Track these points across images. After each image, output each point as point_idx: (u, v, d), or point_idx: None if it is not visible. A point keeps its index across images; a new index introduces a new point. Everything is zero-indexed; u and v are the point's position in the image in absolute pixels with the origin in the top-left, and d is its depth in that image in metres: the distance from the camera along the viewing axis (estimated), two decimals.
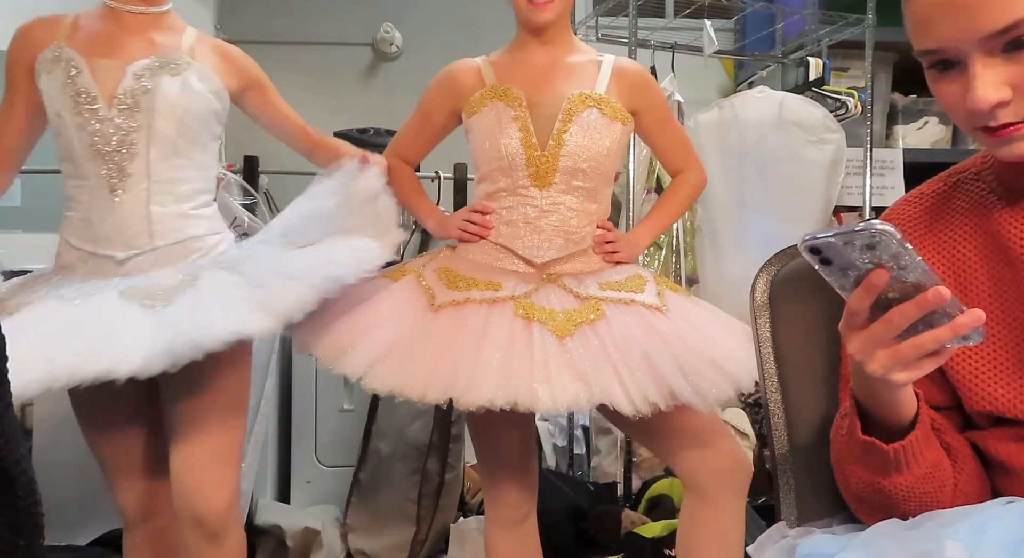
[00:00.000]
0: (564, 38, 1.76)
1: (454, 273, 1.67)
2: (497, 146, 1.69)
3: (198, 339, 1.37)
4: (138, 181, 1.57)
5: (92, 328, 1.41)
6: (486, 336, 1.54)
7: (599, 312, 1.59)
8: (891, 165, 3.06)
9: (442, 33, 3.74)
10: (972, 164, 0.99)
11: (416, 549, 2.44)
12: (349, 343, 1.55)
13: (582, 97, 1.69)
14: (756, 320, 1.08)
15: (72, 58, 1.57)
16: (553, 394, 1.47)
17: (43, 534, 0.80)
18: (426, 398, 1.48)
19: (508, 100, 1.70)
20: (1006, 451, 0.89)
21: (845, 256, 0.75)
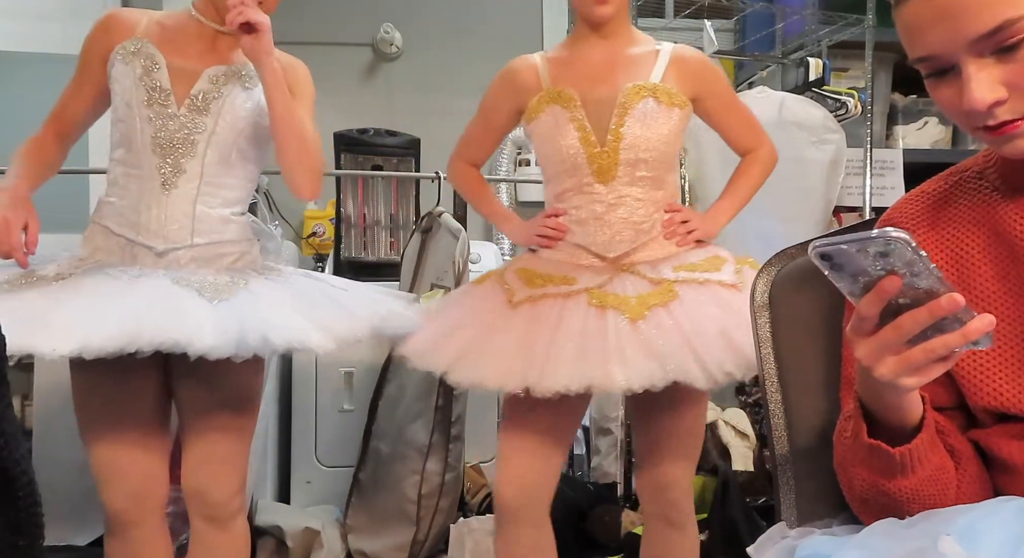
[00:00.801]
0: (624, 31, 1.77)
1: (532, 271, 1.73)
2: (558, 149, 1.72)
3: (269, 336, 1.48)
4: (190, 179, 1.64)
5: (161, 302, 1.48)
6: (560, 326, 1.60)
7: (672, 293, 1.63)
8: (891, 165, 3.06)
9: (442, 33, 3.74)
10: (975, 162, 1.00)
11: (416, 549, 2.44)
12: (434, 342, 1.67)
13: (636, 89, 1.70)
14: (756, 320, 1.08)
15: (153, 54, 1.64)
16: (627, 373, 1.51)
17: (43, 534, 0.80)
18: (504, 388, 1.58)
19: (563, 102, 1.71)
20: (1008, 449, 0.89)
21: (857, 263, 0.75)
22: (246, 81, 1.69)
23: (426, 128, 3.27)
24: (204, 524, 1.70)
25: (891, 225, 0.99)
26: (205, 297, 1.52)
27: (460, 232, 2.45)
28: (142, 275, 1.57)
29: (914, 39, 0.86)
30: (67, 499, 2.41)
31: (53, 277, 1.53)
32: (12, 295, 1.49)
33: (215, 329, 1.45)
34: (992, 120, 0.84)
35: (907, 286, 0.75)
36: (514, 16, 3.80)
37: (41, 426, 2.52)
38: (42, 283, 1.52)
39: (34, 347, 1.35)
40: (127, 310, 1.44)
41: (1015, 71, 0.82)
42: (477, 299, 1.75)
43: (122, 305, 1.46)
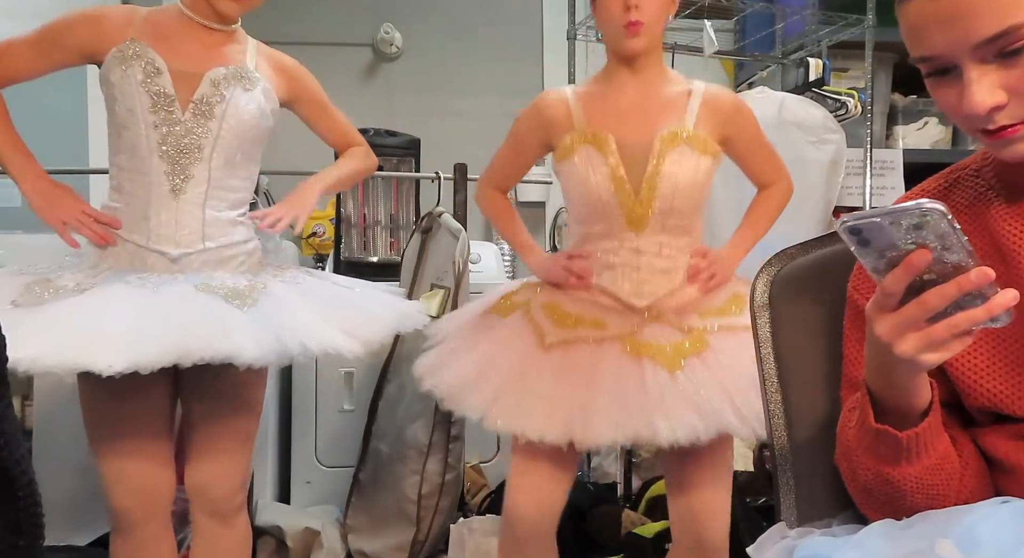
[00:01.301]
0: (656, 66, 1.74)
1: (561, 310, 1.72)
2: (590, 192, 1.70)
3: (306, 344, 1.53)
4: (199, 184, 1.65)
5: (200, 313, 1.51)
6: (596, 374, 1.61)
7: (703, 343, 1.64)
8: (891, 165, 3.06)
9: (442, 34, 3.74)
10: (972, 162, 1.00)
11: (416, 549, 2.44)
12: (467, 384, 1.66)
13: (672, 136, 1.68)
14: (756, 320, 1.08)
15: (154, 59, 1.62)
16: (672, 426, 1.52)
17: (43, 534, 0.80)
18: (544, 439, 1.56)
19: (598, 145, 1.69)
20: (1004, 449, 0.90)
21: (888, 237, 0.74)
22: (246, 83, 1.69)
23: (426, 128, 3.27)
24: (207, 520, 1.72)
25: None
26: (234, 305, 1.55)
27: (460, 232, 2.45)
28: (163, 282, 1.58)
29: (917, 38, 0.86)
30: (67, 499, 2.41)
31: (74, 288, 1.54)
32: (42, 308, 1.49)
33: (256, 339, 1.48)
34: (991, 124, 0.84)
35: (936, 261, 0.73)
36: (514, 16, 3.79)
37: (41, 426, 2.52)
38: (66, 294, 1.52)
39: (89, 364, 1.36)
40: (171, 323, 1.46)
41: (1017, 76, 0.82)
42: (505, 336, 1.72)
43: (164, 317, 1.48)
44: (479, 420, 1.63)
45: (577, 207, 1.77)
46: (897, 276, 0.76)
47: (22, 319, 1.44)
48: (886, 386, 0.84)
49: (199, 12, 1.67)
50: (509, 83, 3.71)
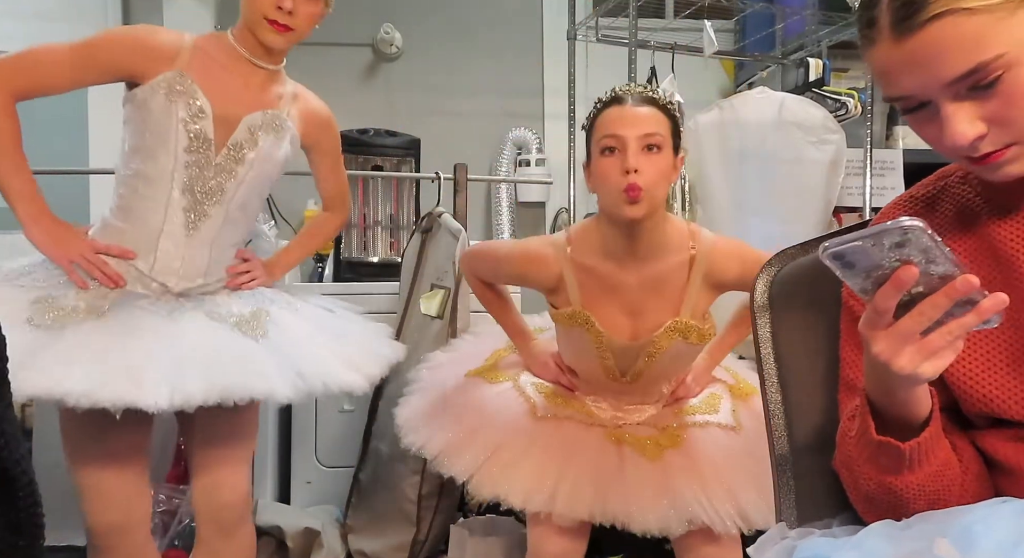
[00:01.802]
0: (655, 233, 1.64)
1: (550, 389, 1.81)
2: (581, 359, 1.77)
3: (327, 383, 1.62)
4: (212, 224, 1.66)
5: (227, 350, 1.55)
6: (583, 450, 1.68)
7: (680, 439, 1.71)
8: (891, 166, 3.05)
9: (442, 34, 3.74)
10: (958, 167, 1.00)
11: (416, 550, 2.44)
12: (456, 446, 1.70)
13: (667, 334, 1.67)
14: (756, 321, 1.08)
15: (200, 102, 1.60)
16: (645, 516, 1.59)
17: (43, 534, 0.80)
18: (527, 508, 1.63)
19: (593, 335, 1.69)
20: (1004, 452, 0.90)
21: (871, 258, 0.75)
22: (279, 130, 1.70)
23: (426, 128, 3.28)
24: (212, 530, 1.71)
25: None
26: (248, 336, 1.61)
27: (460, 232, 2.45)
28: (174, 309, 1.61)
29: (888, 81, 0.86)
30: (68, 499, 2.40)
31: (86, 309, 1.53)
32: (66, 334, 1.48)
33: (287, 380, 1.55)
34: (975, 153, 0.85)
35: (922, 274, 0.75)
36: (514, 16, 3.79)
37: (41, 426, 2.51)
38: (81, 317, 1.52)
39: (138, 402, 1.40)
40: (207, 361, 1.51)
41: (993, 107, 0.82)
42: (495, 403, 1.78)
43: (197, 354, 1.52)
44: (464, 483, 1.68)
45: (566, 352, 1.82)
46: (887, 293, 0.76)
47: (49, 344, 1.44)
48: (887, 399, 0.85)
49: (246, 46, 1.67)
50: (509, 83, 3.71)
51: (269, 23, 1.61)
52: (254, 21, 1.63)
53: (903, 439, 0.85)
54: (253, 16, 1.62)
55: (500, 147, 3.64)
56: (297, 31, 1.64)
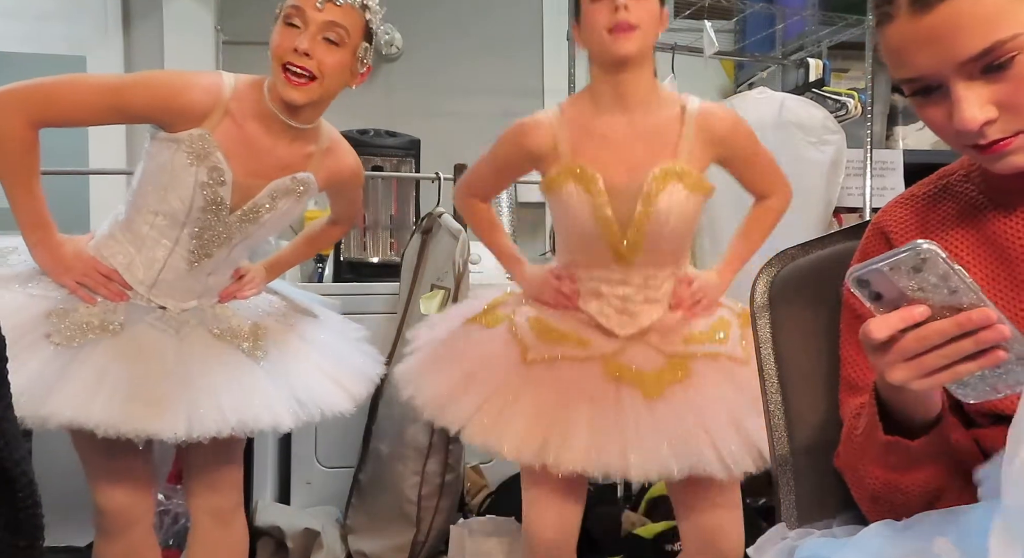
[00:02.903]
0: (646, 83, 1.64)
1: (545, 324, 1.71)
2: (577, 228, 1.67)
3: (323, 408, 1.69)
4: (215, 262, 1.69)
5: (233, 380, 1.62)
6: (576, 395, 1.60)
7: (686, 371, 1.62)
8: (891, 166, 3.05)
9: (442, 34, 3.74)
10: (960, 166, 1.00)
11: (416, 550, 2.44)
12: (447, 396, 1.66)
13: (663, 175, 1.61)
14: (756, 321, 1.08)
15: (221, 169, 1.58)
16: (644, 463, 1.52)
17: (43, 535, 0.80)
18: (520, 459, 1.58)
19: (585, 184, 1.62)
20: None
21: (894, 286, 0.74)
22: (302, 193, 1.69)
23: (426, 129, 3.27)
24: (208, 520, 1.76)
25: (882, 230, 0.99)
26: (251, 357, 1.67)
27: (460, 233, 2.45)
28: (180, 324, 1.66)
29: (900, 60, 0.86)
30: (67, 500, 2.40)
31: (99, 326, 1.57)
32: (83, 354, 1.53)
33: (285, 408, 1.63)
34: (983, 139, 0.84)
35: (945, 306, 0.73)
36: (514, 16, 3.79)
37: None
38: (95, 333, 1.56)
39: (158, 432, 1.51)
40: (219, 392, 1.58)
41: (1005, 90, 0.82)
42: (489, 349, 1.71)
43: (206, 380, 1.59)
44: (457, 433, 1.64)
45: (563, 235, 1.75)
46: (891, 322, 0.75)
47: (71, 367, 1.51)
48: (896, 397, 0.85)
49: (275, 102, 1.61)
50: (509, 83, 3.71)
51: (286, 76, 1.55)
52: (275, 75, 1.57)
53: (912, 437, 0.84)
54: (274, 68, 1.57)
55: None
56: (320, 82, 1.56)
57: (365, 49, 1.63)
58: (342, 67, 1.59)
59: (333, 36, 1.56)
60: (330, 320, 1.94)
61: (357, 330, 1.97)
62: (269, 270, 1.88)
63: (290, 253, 1.97)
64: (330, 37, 1.56)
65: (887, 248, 0.98)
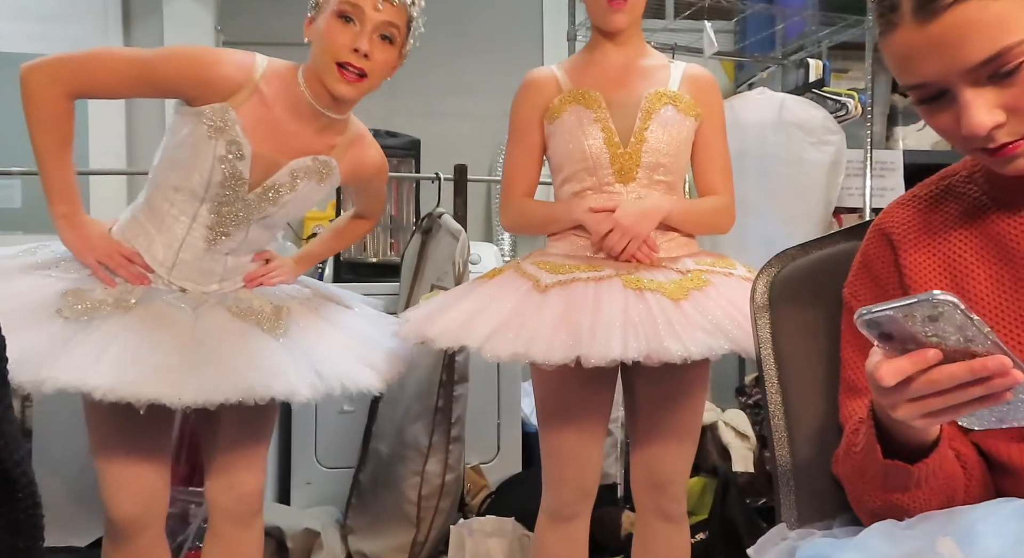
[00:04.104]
0: (637, 42, 1.80)
1: (551, 262, 1.70)
2: (581, 147, 1.72)
3: (344, 383, 1.62)
4: (233, 241, 1.67)
5: (252, 350, 1.57)
6: (600, 306, 1.57)
7: (704, 281, 1.64)
8: (891, 166, 3.06)
9: (441, 34, 3.74)
10: (962, 166, 1.00)
11: (416, 550, 2.44)
12: (463, 324, 1.62)
13: (658, 95, 1.73)
14: (756, 322, 1.08)
15: (240, 143, 1.57)
16: (684, 344, 1.49)
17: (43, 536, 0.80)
18: (550, 359, 1.51)
19: (587, 102, 1.73)
20: (1007, 452, 0.90)
21: (907, 329, 0.71)
22: (323, 175, 1.68)
23: (426, 129, 3.27)
24: (227, 524, 1.72)
25: (884, 232, 0.99)
26: (269, 334, 1.62)
27: (460, 233, 2.45)
28: (198, 303, 1.63)
29: (906, 68, 0.85)
30: (67, 500, 2.41)
31: (113, 304, 1.55)
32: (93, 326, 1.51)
33: (301, 378, 1.57)
34: (991, 143, 0.84)
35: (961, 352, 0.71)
36: (514, 17, 3.80)
37: (41, 427, 2.52)
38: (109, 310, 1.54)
39: (162, 397, 1.44)
40: (232, 361, 1.54)
41: (1013, 95, 0.82)
42: (497, 287, 1.70)
43: (222, 353, 1.54)
44: (478, 350, 1.57)
45: (566, 165, 1.76)
46: (902, 368, 0.73)
47: (77, 337, 1.48)
48: (895, 425, 0.84)
49: (313, 91, 1.60)
50: (509, 83, 3.69)
51: (340, 72, 1.54)
52: (324, 67, 1.55)
53: (912, 459, 0.84)
54: (324, 61, 1.55)
55: (500, 148, 3.64)
56: (370, 80, 1.57)
57: (408, 46, 1.66)
58: (392, 64, 1.62)
59: (388, 34, 1.57)
60: (363, 310, 1.91)
61: (392, 322, 1.92)
62: (299, 262, 1.86)
63: (319, 247, 1.95)
64: (386, 35, 1.57)
65: (890, 251, 0.98)
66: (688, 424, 1.74)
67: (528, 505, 2.45)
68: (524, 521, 2.40)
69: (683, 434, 1.73)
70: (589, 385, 1.68)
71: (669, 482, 1.74)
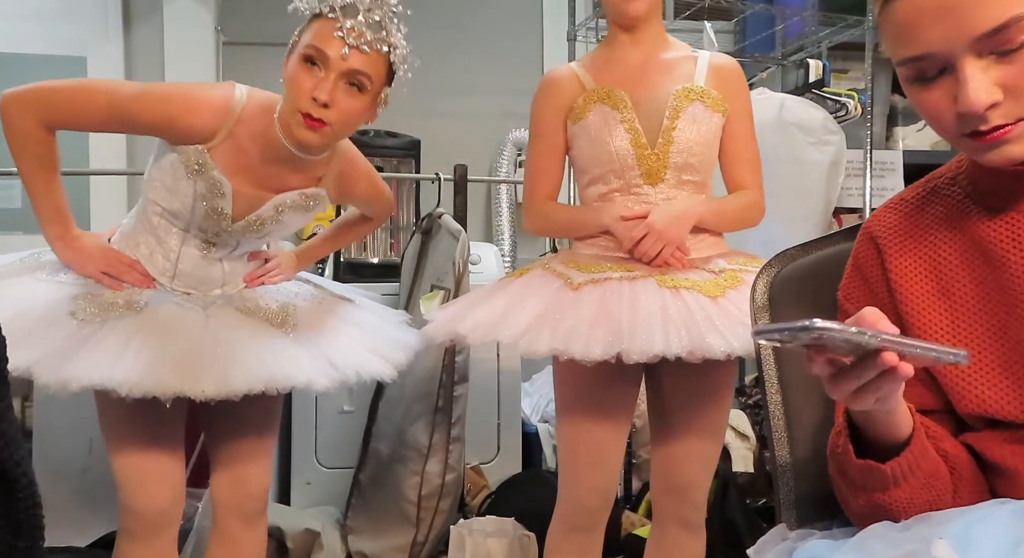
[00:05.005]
0: (657, 34, 1.73)
1: (580, 261, 1.68)
2: (607, 149, 1.67)
3: (360, 371, 1.63)
4: (226, 250, 1.68)
5: (261, 343, 1.59)
6: (637, 301, 1.55)
7: (739, 279, 1.61)
8: (891, 167, 3.06)
9: (441, 34, 3.75)
10: (948, 169, 1.00)
11: (416, 551, 2.44)
12: (496, 321, 1.59)
13: (686, 92, 1.68)
14: (756, 321, 1.08)
15: (220, 183, 1.57)
16: (727, 340, 1.48)
17: (43, 536, 0.80)
18: (589, 355, 1.48)
19: (612, 102, 1.68)
20: (1000, 453, 0.90)
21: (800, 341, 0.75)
22: (311, 207, 1.67)
23: (427, 130, 3.28)
24: (234, 521, 1.72)
25: (871, 236, 0.99)
26: (280, 329, 1.64)
27: (460, 233, 2.45)
28: (207, 304, 1.64)
29: (910, 35, 0.83)
30: (67, 500, 2.41)
31: (124, 305, 1.56)
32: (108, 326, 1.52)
33: (318, 369, 1.58)
34: (984, 124, 0.83)
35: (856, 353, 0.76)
36: (514, 17, 3.80)
37: (41, 427, 2.52)
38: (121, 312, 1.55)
39: (186, 390, 1.46)
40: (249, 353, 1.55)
41: (1013, 73, 0.81)
42: (528, 285, 1.67)
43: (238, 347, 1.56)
44: (512, 345, 1.55)
45: (592, 167, 1.71)
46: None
47: (93, 337, 1.49)
48: (864, 420, 0.85)
49: (286, 135, 1.55)
50: (509, 84, 3.71)
51: (304, 118, 1.49)
52: (288, 113, 1.51)
53: (886, 457, 0.85)
54: (287, 107, 1.52)
55: (500, 148, 3.64)
56: (333, 128, 1.51)
57: (386, 93, 1.60)
58: (361, 112, 1.56)
59: (357, 82, 1.51)
60: (367, 305, 1.91)
61: (398, 314, 1.94)
62: (300, 257, 1.85)
63: (321, 243, 1.94)
64: (354, 83, 1.51)
65: (877, 254, 0.98)
66: (717, 423, 1.70)
67: (528, 505, 2.46)
68: (524, 521, 2.40)
69: (709, 436, 1.69)
70: (617, 384, 1.65)
71: (691, 487, 1.70)
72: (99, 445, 2.46)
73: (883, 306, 0.90)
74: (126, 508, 1.60)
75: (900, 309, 0.95)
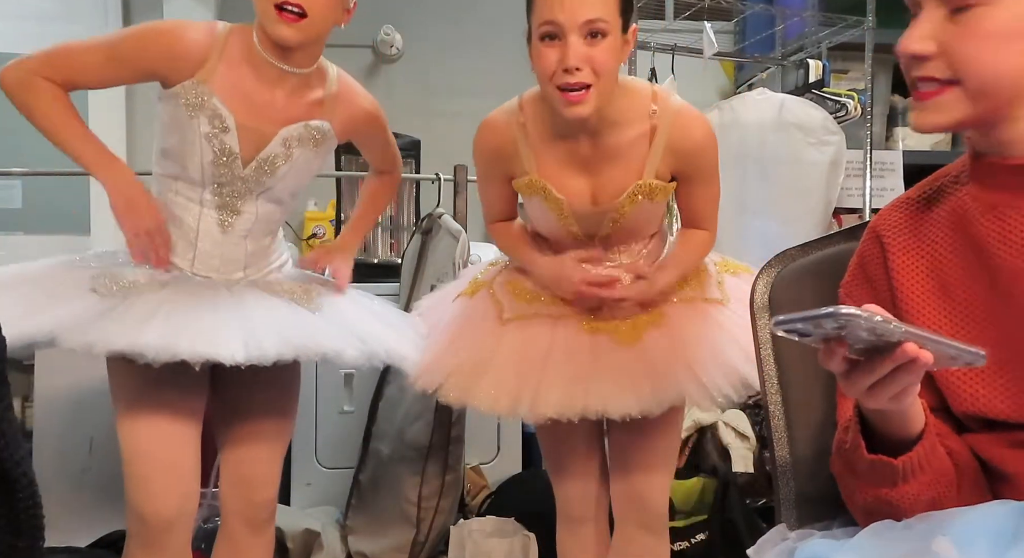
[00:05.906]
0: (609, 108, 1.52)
1: (520, 285, 1.70)
2: (547, 230, 1.68)
3: (390, 349, 1.62)
4: (246, 220, 1.65)
5: (289, 315, 1.58)
6: (552, 349, 1.60)
7: (662, 316, 1.61)
8: (891, 167, 3.06)
9: (442, 35, 3.75)
10: (953, 168, 1.00)
11: (416, 551, 2.44)
12: (432, 363, 1.65)
13: (631, 198, 1.56)
14: (756, 322, 1.08)
15: (222, 114, 1.55)
16: (623, 400, 1.51)
17: (43, 536, 0.80)
18: (495, 410, 1.57)
19: (551, 204, 1.60)
20: (1001, 457, 0.90)
21: (821, 331, 0.76)
22: (319, 141, 1.65)
23: (427, 130, 3.28)
24: (241, 526, 1.69)
25: (877, 234, 0.99)
26: (306, 308, 1.62)
27: (460, 233, 2.45)
28: (232, 285, 1.63)
29: None
30: (67, 500, 2.41)
31: (147, 283, 1.54)
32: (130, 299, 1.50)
33: (347, 342, 1.56)
34: (912, 70, 0.88)
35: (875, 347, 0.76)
36: (514, 17, 3.79)
37: (41, 427, 2.52)
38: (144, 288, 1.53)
39: (217, 355, 1.42)
40: (278, 322, 1.54)
41: (952, 33, 0.85)
42: (469, 316, 1.72)
43: (265, 317, 1.54)
44: (433, 393, 1.63)
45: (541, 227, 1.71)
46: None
47: (118, 306, 1.47)
48: (877, 415, 0.85)
49: (265, 47, 1.55)
50: (509, 83, 3.69)
51: (279, 14, 1.47)
52: (264, 13, 1.50)
53: (895, 454, 0.85)
54: (263, 5, 1.49)
55: None
56: (311, 19, 1.49)
57: None
58: (334, 2, 1.53)
59: None
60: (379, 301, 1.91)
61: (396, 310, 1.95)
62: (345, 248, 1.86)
63: (360, 216, 1.93)
64: None
65: (881, 252, 0.99)
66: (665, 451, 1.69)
67: (528, 505, 2.46)
68: (524, 521, 2.40)
69: (659, 463, 1.68)
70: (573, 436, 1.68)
71: (649, 499, 1.69)
72: (99, 445, 2.47)
73: (884, 304, 0.90)
74: (133, 511, 1.53)
75: (900, 307, 0.95)
